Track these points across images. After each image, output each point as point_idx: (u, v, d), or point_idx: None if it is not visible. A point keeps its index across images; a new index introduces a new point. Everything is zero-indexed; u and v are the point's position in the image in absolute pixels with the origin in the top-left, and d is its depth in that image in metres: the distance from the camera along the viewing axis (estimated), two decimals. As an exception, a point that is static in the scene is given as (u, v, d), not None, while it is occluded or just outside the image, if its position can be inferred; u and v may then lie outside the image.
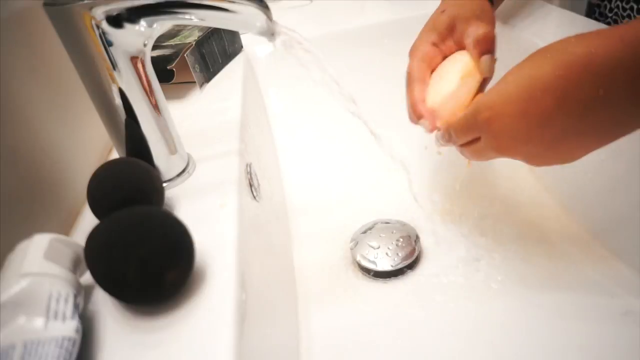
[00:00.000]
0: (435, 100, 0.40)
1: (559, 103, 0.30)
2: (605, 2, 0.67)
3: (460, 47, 0.43)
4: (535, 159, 0.34)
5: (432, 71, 0.43)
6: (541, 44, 0.55)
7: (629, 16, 0.62)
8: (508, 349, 0.39)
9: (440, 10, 0.44)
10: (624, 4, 0.63)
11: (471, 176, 0.57)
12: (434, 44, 0.43)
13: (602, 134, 0.31)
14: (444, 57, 0.44)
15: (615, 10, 0.65)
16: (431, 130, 0.40)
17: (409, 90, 0.42)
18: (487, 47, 0.39)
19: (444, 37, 0.43)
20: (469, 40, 0.40)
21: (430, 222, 0.52)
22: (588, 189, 0.48)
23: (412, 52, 0.44)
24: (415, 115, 0.41)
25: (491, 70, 0.39)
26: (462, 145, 0.38)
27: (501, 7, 0.67)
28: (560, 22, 0.60)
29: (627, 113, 0.30)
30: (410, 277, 0.46)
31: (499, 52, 0.42)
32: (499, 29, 0.63)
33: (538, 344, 0.39)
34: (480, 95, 0.36)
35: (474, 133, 0.36)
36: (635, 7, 0.60)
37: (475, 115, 0.34)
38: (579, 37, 0.31)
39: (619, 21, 0.64)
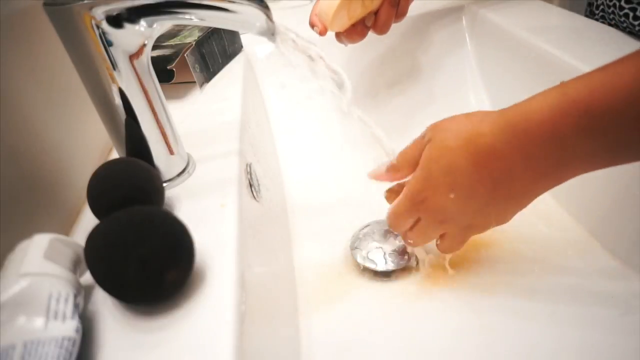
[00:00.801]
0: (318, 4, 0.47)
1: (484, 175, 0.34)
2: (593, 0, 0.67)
3: None
4: (472, 227, 0.38)
5: None
6: (541, 44, 0.55)
7: (613, 13, 0.62)
8: (507, 348, 0.39)
9: None
10: (607, 1, 0.63)
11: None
12: None
13: (528, 195, 0.35)
14: None
15: (602, 7, 0.65)
16: (320, 33, 0.47)
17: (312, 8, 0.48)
18: None
19: None
20: None
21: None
22: (588, 188, 0.48)
23: None
24: (310, 25, 0.48)
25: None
26: (407, 231, 0.41)
27: (501, 7, 0.67)
28: (560, 22, 0.60)
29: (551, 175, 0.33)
30: (411, 277, 0.46)
31: (498, 51, 0.42)
32: (499, 29, 0.63)
33: (537, 343, 0.39)
34: (408, 182, 0.39)
35: (414, 215, 0.39)
36: (618, 4, 0.60)
37: (411, 199, 0.38)
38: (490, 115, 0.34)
39: (606, 17, 0.64)
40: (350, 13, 0.46)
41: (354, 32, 0.49)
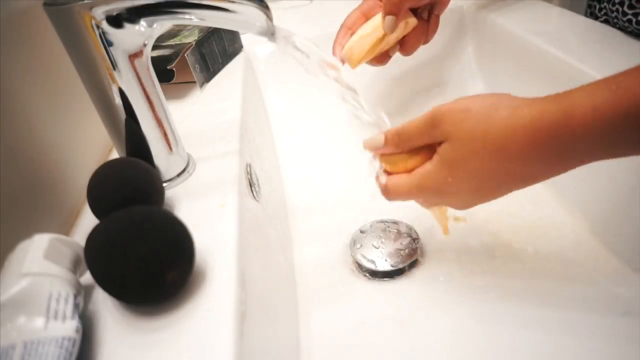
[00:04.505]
0: (345, 47, 0.47)
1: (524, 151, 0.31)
2: (595, 2, 0.67)
3: None
4: (465, 195, 0.35)
5: None
6: (541, 44, 0.55)
7: (616, 17, 0.62)
8: (507, 348, 0.39)
9: None
10: (610, 5, 0.63)
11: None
12: None
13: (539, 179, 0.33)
14: None
15: (605, 11, 0.65)
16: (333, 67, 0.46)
17: (337, 34, 0.49)
18: (389, 10, 0.44)
19: None
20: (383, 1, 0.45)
21: (431, 222, 0.52)
22: (588, 188, 0.48)
23: (360, 4, 0.50)
24: (333, 54, 0.47)
25: (391, 29, 0.44)
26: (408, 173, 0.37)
27: (501, 7, 0.67)
28: (560, 22, 0.60)
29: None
30: (411, 277, 0.46)
31: (499, 51, 0.42)
32: (498, 29, 0.63)
33: (537, 343, 0.39)
34: (422, 174, 0.36)
35: (416, 197, 0.37)
36: (620, 9, 0.60)
37: (421, 189, 0.36)
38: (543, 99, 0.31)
39: (610, 22, 0.64)
40: (374, 52, 0.46)
41: (375, 60, 0.49)
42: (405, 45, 0.49)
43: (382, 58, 0.50)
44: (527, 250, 0.47)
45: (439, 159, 0.34)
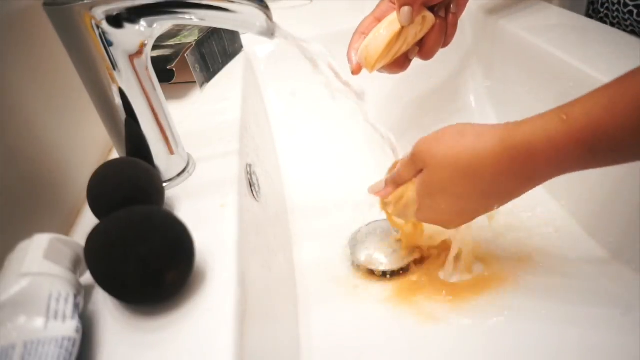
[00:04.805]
0: (360, 48, 0.45)
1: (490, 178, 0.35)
2: None
3: None
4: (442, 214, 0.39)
5: None
6: (541, 43, 0.55)
7: (617, 10, 0.62)
8: (507, 348, 0.39)
9: None
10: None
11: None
12: (391, 1, 0.46)
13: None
14: None
15: (606, 5, 0.65)
16: (353, 72, 0.45)
17: (351, 39, 0.47)
18: (406, 0, 0.42)
19: None
20: None
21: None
22: (588, 188, 0.48)
23: (374, 9, 0.48)
24: (348, 60, 0.46)
25: (407, 20, 0.42)
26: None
27: (501, 7, 0.67)
28: (560, 22, 0.60)
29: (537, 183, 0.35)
30: (410, 277, 0.46)
31: (499, 51, 0.42)
32: (498, 29, 0.63)
33: (537, 343, 0.39)
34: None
35: (418, 165, 0.38)
36: (622, 1, 0.60)
37: (413, 155, 0.38)
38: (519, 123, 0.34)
39: (609, 16, 0.64)
40: (392, 52, 0.44)
41: (395, 65, 0.47)
42: (424, 47, 0.47)
43: (401, 63, 0.47)
44: (525, 250, 0.47)
45: (416, 185, 0.38)
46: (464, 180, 0.35)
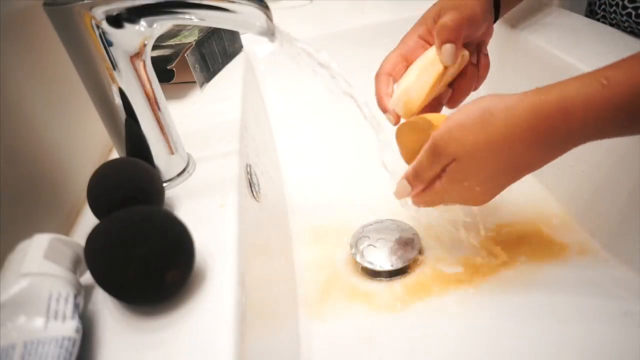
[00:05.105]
0: (394, 95, 0.40)
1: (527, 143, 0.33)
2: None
3: None
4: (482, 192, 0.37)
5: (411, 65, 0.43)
6: (540, 43, 0.55)
7: (615, 12, 0.62)
8: (507, 348, 0.39)
9: (434, 4, 0.45)
10: (610, 0, 0.63)
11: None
12: (420, 37, 0.43)
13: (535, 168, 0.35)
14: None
15: (604, 7, 0.65)
16: (394, 124, 0.41)
17: (375, 83, 0.43)
18: (447, 36, 0.39)
19: (430, 29, 0.42)
20: (435, 31, 0.40)
21: (431, 221, 0.52)
22: (588, 189, 0.48)
23: (398, 44, 0.44)
24: (381, 109, 0.42)
25: (452, 59, 0.39)
26: (423, 189, 0.39)
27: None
28: (560, 22, 0.60)
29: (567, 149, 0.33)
30: (410, 277, 0.46)
31: (498, 50, 0.42)
32: (500, 29, 0.63)
33: (537, 344, 0.39)
34: (436, 130, 0.37)
35: (444, 159, 0.36)
36: (620, 3, 0.60)
37: (437, 150, 0.35)
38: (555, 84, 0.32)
39: (607, 17, 0.64)
40: (432, 96, 0.40)
41: (425, 110, 0.42)
42: (456, 90, 0.43)
43: (434, 107, 0.43)
44: (526, 250, 0.47)
45: (449, 177, 0.36)
46: (497, 159, 0.34)
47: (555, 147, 0.33)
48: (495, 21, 0.45)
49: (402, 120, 0.41)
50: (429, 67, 0.38)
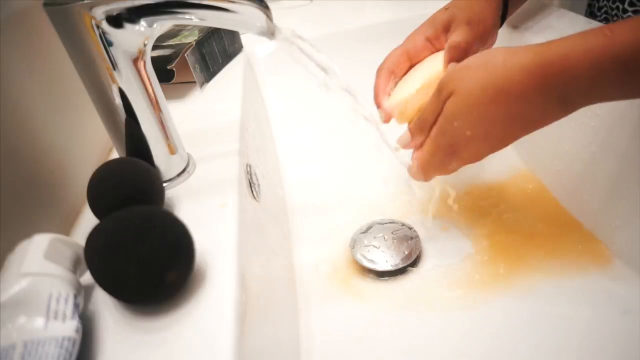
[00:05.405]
0: (393, 98, 0.41)
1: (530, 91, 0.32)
2: (595, 1, 0.67)
3: None
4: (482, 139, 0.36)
5: (414, 64, 0.44)
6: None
7: (616, 15, 0.62)
8: (507, 348, 0.39)
9: (445, 7, 0.45)
10: (610, 3, 0.63)
11: (470, 176, 0.57)
12: (428, 39, 0.43)
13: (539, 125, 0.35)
14: (434, 53, 0.44)
15: (605, 9, 0.65)
16: (383, 122, 0.42)
17: (376, 76, 0.43)
18: (457, 56, 0.39)
19: (438, 34, 0.43)
20: (446, 45, 0.41)
21: (431, 221, 0.52)
22: (589, 188, 0.48)
23: (404, 41, 0.44)
24: (376, 103, 0.42)
25: None
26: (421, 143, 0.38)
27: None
28: (560, 22, 0.60)
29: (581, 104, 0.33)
30: (411, 277, 0.46)
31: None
32: (500, 29, 0.63)
33: (537, 343, 0.39)
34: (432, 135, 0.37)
35: (444, 95, 0.36)
36: (621, 6, 0.60)
37: (440, 87, 0.36)
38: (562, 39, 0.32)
39: (609, 20, 0.64)
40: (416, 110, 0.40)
41: None
42: None
43: None
44: (526, 250, 0.47)
45: (443, 115, 0.35)
46: (491, 99, 0.33)
47: (554, 100, 0.32)
48: (500, 27, 0.45)
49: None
50: (432, 84, 0.39)
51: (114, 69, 0.32)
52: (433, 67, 0.41)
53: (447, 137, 0.36)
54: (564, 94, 0.32)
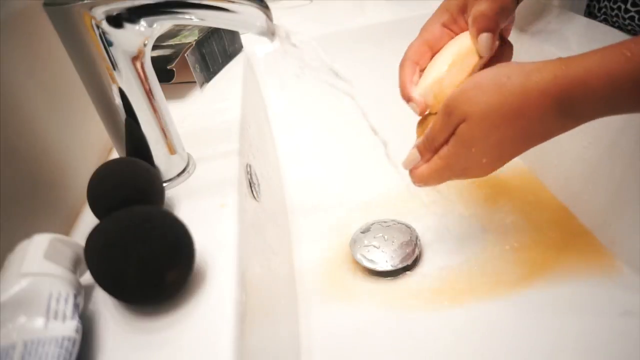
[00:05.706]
0: (422, 83, 0.38)
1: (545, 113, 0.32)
2: (594, 2, 0.67)
3: None
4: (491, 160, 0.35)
5: (436, 53, 0.41)
6: (540, 43, 0.55)
7: (617, 15, 0.62)
8: (507, 347, 0.39)
9: None
10: (611, 3, 0.63)
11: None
12: (444, 25, 0.41)
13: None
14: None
15: (604, 10, 0.65)
16: (420, 114, 0.39)
17: (399, 70, 0.40)
18: (485, 25, 0.36)
19: (455, 17, 0.40)
20: (469, 19, 0.38)
21: (431, 221, 0.52)
22: (589, 188, 0.48)
23: (420, 32, 0.42)
24: (404, 97, 0.40)
25: (489, 50, 0.37)
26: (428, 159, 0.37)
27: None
28: (560, 22, 0.60)
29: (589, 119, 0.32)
30: (411, 277, 0.46)
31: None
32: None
33: (537, 343, 0.39)
34: (443, 156, 0.36)
35: (454, 119, 0.34)
36: (623, 7, 0.60)
37: (448, 109, 0.34)
38: (578, 56, 0.32)
39: (608, 20, 0.64)
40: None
41: None
42: (485, 65, 0.40)
43: None
44: (526, 250, 0.47)
45: (457, 139, 0.34)
46: (509, 124, 0.32)
47: (571, 118, 0.32)
48: (516, 6, 0.44)
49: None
50: (464, 58, 0.36)
51: (114, 69, 0.32)
52: (460, 43, 0.38)
53: (461, 161, 0.35)
54: (581, 112, 0.32)
